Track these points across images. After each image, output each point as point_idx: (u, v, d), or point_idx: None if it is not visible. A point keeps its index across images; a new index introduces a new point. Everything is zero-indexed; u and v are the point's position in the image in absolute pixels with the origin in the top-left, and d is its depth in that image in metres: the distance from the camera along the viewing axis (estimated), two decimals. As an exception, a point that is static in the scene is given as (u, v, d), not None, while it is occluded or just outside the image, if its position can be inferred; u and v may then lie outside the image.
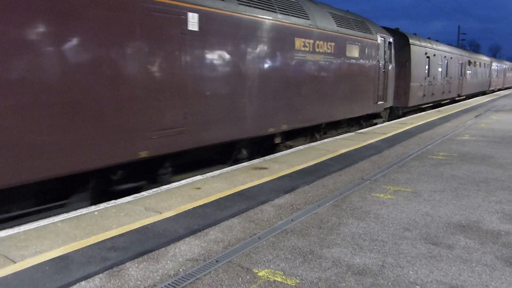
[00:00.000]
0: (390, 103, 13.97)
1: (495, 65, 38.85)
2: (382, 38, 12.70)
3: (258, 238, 3.74)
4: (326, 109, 9.87)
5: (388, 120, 14.42)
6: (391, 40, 13.50)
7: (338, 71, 10.21)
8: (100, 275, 3.01)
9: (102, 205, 4.57)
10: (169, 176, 6.24)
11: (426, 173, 6.30)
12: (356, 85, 11.19)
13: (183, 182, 5.66)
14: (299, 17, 8.61)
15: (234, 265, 3.22)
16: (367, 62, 11.71)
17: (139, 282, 2.93)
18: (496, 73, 39.32)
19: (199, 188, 5.27)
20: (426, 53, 17.86)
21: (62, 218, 4.10)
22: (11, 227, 3.85)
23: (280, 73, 8.10)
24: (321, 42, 9.28)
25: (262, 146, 8.57)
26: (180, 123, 5.87)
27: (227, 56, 6.80)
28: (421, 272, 3.09)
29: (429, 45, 18.70)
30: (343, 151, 7.96)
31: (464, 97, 26.43)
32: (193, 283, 2.94)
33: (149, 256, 3.35)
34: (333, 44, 9.77)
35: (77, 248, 3.39)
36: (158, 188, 5.33)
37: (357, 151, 8.07)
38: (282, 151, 8.25)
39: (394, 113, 15.99)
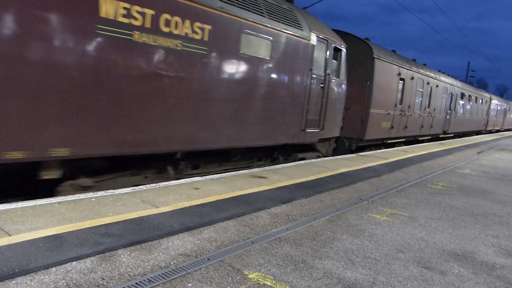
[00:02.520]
0: (334, 132, 10.16)
1: (495, 103, 33.90)
2: (323, 41, 8.90)
3: (252, 242, 3.74)
4: (186, 130, 5.97)
5: (334, 155, 10.75)
6: (341, 47, 9.79)
7: (220, 73, 6.39)
8: (92, 258, 3.01)
9: (100, 193, 4.58)
10: None
11: (424, 200, 6.30)
12: (258, 100, 7.29)
13: (181, 181, 5.67)
14: None
15: (225, 264, 3.22)
16: (286, 68, 7.83)
17: (129, 269, 2.93)
18: (495, 112, 34.63)
19: (197, 189, 5.28)
20: (399, 74, 13.80)
21: (60, 200, 4.11)
22: (8, 202, 3.86)
23: (45, 54, 4.26)
24: (177, 19, 5.50)
25: None
26: None
27: None
28: (411, 293, 3.08)
29: (406, 64, 14.62)
30: (342, 170, 7.97)
31: (452, 135, 22.45)
32: (183, 276, 2.93)
33: (141, 246, 3.35)
34: (209, 28, 5.96)
35: (72, 230, 3.39)
36: (156, 184, 5.34)
37: (357, 172, 8.08)
38: (68, 194, 4.84)
39: (343, 147, 12.33)
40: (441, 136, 20.24)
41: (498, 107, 35.80)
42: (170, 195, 4.81)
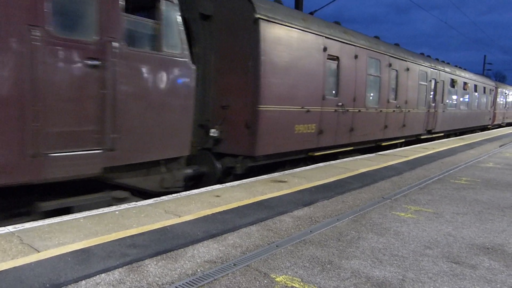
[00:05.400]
0: (165, 150, 5.75)
1: (503, 92, 27.63)
2: None
3: (276, 246, 3.72)
4: None
5: (200, 186, 6.12)
6: None
7: None
8: (120, 269, 3.05)
9: (123, 206, 4.65)
10: None
11: (448, 196, 6.17)
12: None
13: (202, 189, 5.70)
14: None
15: (251, 269, 3.21)
16: None
17: (157, 278, 2.95)
18: (504, 103, 28.12)
19: (218, 196, 5.30)
20: (325, 49, 8.72)
21: (85, 215, 4.18)
22: (36, 219, 3.95)
23: None
24: None
25: None
26: None
27: None
28: (443, 289, 3.01)
29: (342, 36, 9.47)
30: (363, 170, 7.88)
31: (441, 134, 16.81)
32: (211, 283, 2.94)
33: (167, 255, 3.37)
34: None
35: (98, 243, 3.44)
36: (178, 194, 5.39)
37: (377, 171, 7.98)
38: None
39: (213, 171, 7.36)
40: (423, 137, 15.17)
41: (507, 97, 29.04)
42: (192, 204, 4.84)
